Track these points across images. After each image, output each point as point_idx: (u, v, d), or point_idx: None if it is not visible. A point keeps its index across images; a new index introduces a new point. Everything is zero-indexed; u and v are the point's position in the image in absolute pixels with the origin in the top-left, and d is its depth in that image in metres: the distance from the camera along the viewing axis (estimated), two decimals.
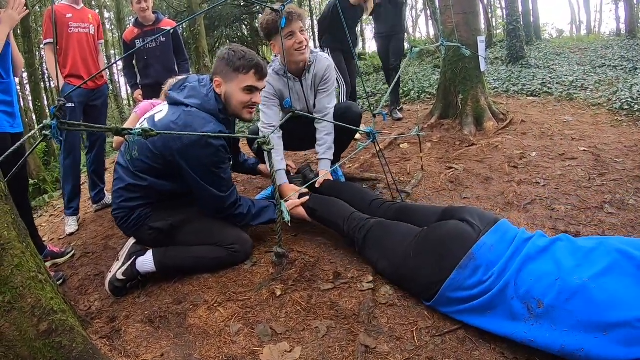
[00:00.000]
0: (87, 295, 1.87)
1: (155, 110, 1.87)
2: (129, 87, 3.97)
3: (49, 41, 2.79)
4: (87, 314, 1.68)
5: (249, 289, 1.66)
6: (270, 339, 1.38)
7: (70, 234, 2.73)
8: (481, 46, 3.66)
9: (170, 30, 3.54)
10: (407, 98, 6.19)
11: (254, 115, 1.91)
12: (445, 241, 1.40)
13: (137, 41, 3.48)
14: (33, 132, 1.42)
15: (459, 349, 1.26)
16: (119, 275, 1.75)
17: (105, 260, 2.19)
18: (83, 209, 3.13)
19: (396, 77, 3.16)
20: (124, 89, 21.70)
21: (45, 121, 1.18)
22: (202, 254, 1.80)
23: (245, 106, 1.79)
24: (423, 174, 2.70)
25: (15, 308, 1.10)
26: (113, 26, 18.64)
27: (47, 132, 1.18)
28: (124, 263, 1.78)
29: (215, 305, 1.59)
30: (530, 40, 10.28)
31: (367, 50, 17.02)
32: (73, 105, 2.76)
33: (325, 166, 2.32)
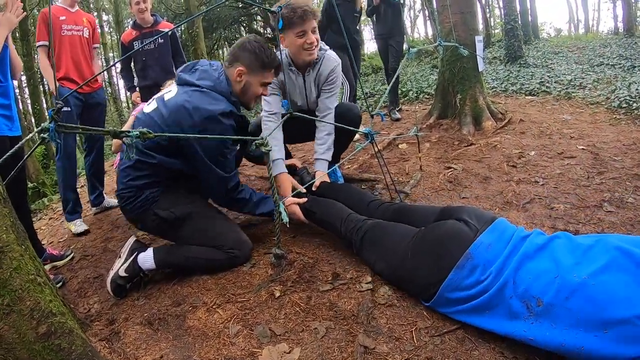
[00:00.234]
0: (87, 297, 1.87)
1: (164, 91, 1.90)
2: (127, 91, 3.96)
3: (42, 43, 2.75)
4: (87, 316, 1.69)
5: (248, 291, 1.66)
6: (269, 340, 1.38)
7: (79, 234, 2.71)
8: (479, 46, 3.66)
9: (168, 32, 3.55)
10: (406, 98, 6.20)
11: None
12: (442, 241, 1.40)
13: (136, 43, 3.49)
14: (31, 135, 1.42)
15: (458, 348, 1.26)
16: (121, 272, 1.76)
17: (105, 262, 2.19)
18: (82, 212, 3.13)
19: (394, 77, 3.16)
20: (122, 91, 21.71)
21: (43, 124, 1.18)
22: (202, 256, 1.80)
23: (256, 97, 1.92)
24: (422, 174, 2.70)
25: (14, 311, 1.11)
26: (111, 29, 18.66)
27: (45, 135, 1.19)
28: (126, 259, 1.79)
29: (214, 307, 1.59)
30: (529, 40, 10.30)
31: (366, 51, 17.03)
32: (69, 109, 2.74)
33: (322, 167, 2.32)
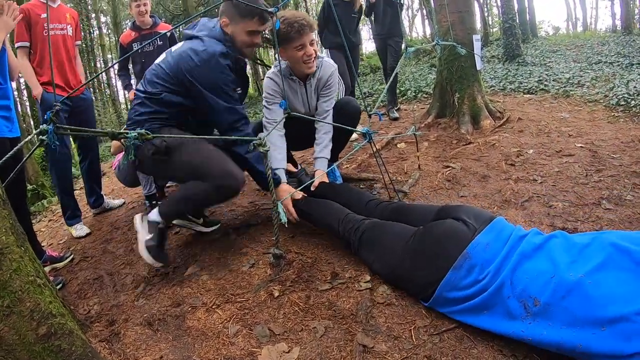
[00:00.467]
0: (86, 299, 1.87)
1: (174, 46, 2.04)
2: (124, 90, 3.94)
3: (22, 44, 2.56)
4: (86, 317, 1.69)
5: (247, 291, 1.67)
6: (269, 339, 1.39)
7: (81, 237, 2.70)
8: (477, 45, 3.67)
9: (167, 32, 3.56)
10: (404, 98, 6.20)
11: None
12: (440, 241, 1.40)
13: (135, 44, 3.50)
14: (30, 137, 1.42)
15: (457, 347, 1.26)
16: (147, 238, 1.84)
17: (104, 264, 2.20)
18: (82, 214, 3.13)
19: (392, 76, 3.17)
20: (121, 92, 21.69)
21: (42, 126, 1.19)
22: (190, 192, 1.86)
23: (248, 46, 1.99)
24: (420, 173, 2.71)
25: (14, 312, 1.11)
26: (110, 30, 18.61)
27: (44, 137, 1.19)
28: (143, 227, 1.87)
29: (213, 307, 1.60)
30: (527, 38, 10.32)
31: (364, 50, 17.05)
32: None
33: (322, 165, 2.34)
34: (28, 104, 11.74)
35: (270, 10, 1.76)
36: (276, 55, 2.30)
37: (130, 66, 3.68)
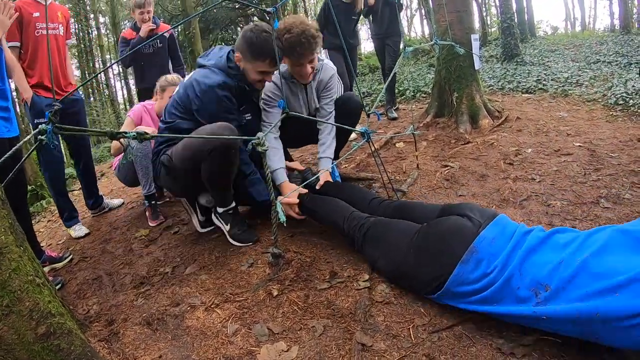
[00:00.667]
0: (86, 299, 1.87)
1: (186, 76, 2.17)
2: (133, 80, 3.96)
3: (13, 44, 2.42)
4: (86, 317, 1.69)
5: (246, 290, 1.67)
6: (268, 338, 1.39)
7: (80, 237, 2.70)
8: (475, 44, 3.67)
9: (165, 33, 3.58)
10: (403, 97, 6.20)
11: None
12: (445, 236, 1.41)
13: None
14: (29, 137, 1.42)
15: (456, 345, 1.26)
16: (228, 230, 2.10)
17: (103, 264, 2.20)
18: (80, 214, 3.13)
19: (390, 76, 3.17)
20: (120, 93, 21.68)
21: (40, 126, 1.18)
22: (205, 177, 1.94)
23: (259, 81, 2.07)
24: (419, 173, 2.71)
25: (13, 311, 1.11)
26: (108, 30, 18.59)
27: (43, 137, 1.19)
28: (220, 223, 2.12)
29: (212, 306, 1.60)
30: (525, 38, 10.35)
31: (363, 50, 17.03)
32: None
33: (327, 164, 2.36)
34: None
35: (268, 10, 1.76)
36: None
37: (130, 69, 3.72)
